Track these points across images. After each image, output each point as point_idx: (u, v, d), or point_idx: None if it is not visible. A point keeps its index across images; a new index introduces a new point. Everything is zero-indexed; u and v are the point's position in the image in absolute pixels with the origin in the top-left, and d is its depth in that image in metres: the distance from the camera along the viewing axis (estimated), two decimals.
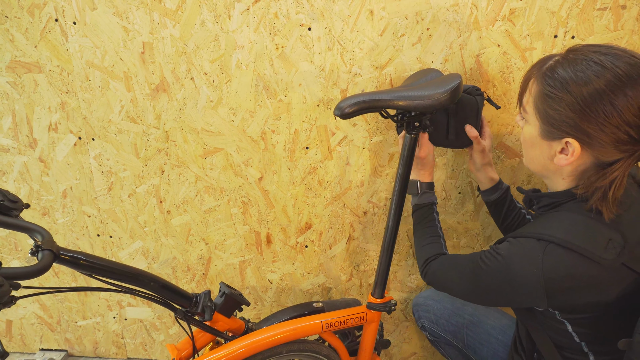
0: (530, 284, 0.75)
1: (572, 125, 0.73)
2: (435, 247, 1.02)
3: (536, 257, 0.74)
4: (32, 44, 1.12)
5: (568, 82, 0.72)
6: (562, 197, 0.81)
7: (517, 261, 0.77)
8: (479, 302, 0.90)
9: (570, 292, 0.74)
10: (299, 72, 1.14)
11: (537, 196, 0.87)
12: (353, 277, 1.41)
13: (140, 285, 0.83)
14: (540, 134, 0.79)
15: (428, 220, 1.06)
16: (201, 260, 1.39)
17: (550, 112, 0.75)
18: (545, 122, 0.77)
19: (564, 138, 0.75)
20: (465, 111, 1.06)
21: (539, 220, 0.82)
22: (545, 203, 0.84)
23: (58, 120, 1.20)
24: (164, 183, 1.28)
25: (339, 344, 1.14)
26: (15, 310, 1.49)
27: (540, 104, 0.77)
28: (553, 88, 0.74)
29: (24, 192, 1.30)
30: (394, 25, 1.09)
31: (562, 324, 0.80)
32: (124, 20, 1.09)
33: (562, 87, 0.73)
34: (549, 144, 0.78)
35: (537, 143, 0.81)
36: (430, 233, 1.05)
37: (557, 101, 0.73)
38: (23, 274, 0.62)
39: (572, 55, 0.74)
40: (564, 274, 0.72)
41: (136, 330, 1.52)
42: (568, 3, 1.05)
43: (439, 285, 0.97)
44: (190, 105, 1.18)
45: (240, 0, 1.07)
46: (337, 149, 1.23)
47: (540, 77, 0.77)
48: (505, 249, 0.80)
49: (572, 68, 0.73)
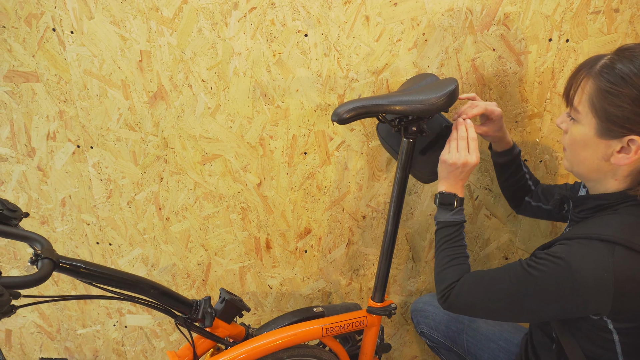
0: (598, 289, 0.70)
1: (637, 122, 0.71)
2: (463, 269, 0.93)
3: (605, 260, 0.70)
4: (30, 54, 1.13)
5: (631, 76, 0.70)
6: (615, 199, 0.77)
7: (584, 264, 0.71)
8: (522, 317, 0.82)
9: (638, 299, 0.70)
10: (296, 78, 1.15)
11: (582, 198, 0.83)
12: (353, 281, 1.41)
13: (140, 292, 0.83)
14: (598, 133, 0.76)
15: (456, 240, 0.96)
16: (201, 266, 1.39)
17: (611, 110, 0.72)
18: (605, 119, 0.74)
19: (626, 136, 0.72)
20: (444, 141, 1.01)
21: (593, 221, 0.78)
22: (592, 205, 0.81)
23: (56, 128, 1.21)
24: (163, 190, 1.28)
25: (339, 348, 1.14)
26: (14, 319, 1.49)
27: (599, 102, 0.74)
28: (613, 84, 0.72)
29: (23, 201, 1.30)
30: (389, 31, 1.09)
31: (610, 333, 0.76)
32: (121, 28, 1.10)
33: (624, 82, 0.71)
34: (607, 143, 0.75)
35: (591, 143, 0.77)
36: (458, 253, 0.95)
37: (620, 97, 0.71)
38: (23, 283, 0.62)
39: (629, 52, 0.72)
40: (636, 278, 0.69)
41: (136, 337, 1.51)
42: (562, 7, 1.06)
43: (465, 308, 0.88)
44: (188, 112, 1.19)
45: (236, 8, 1.08)
46: (335, 153, 1.23)
47: (596, 75, 0.74)
48: (564, 252, 0.74)
49: (633, 63, 0.70)
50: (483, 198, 1.29)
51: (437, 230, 1.00)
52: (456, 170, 0.96)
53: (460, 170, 0.95)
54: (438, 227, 0.99)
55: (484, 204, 1.29)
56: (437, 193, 0.99)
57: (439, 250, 0.98)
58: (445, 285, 0.91)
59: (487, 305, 0.84)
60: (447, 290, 0.91)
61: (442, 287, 0.92)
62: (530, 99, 1.16)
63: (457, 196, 0.96)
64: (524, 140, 1.20)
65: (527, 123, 1.18)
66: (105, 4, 1.08)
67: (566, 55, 1.11)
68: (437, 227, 1.00)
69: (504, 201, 1.29)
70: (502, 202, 1.29)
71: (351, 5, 1.07)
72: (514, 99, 1.16)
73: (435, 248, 1.00)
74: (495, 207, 1.30)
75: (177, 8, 1.08)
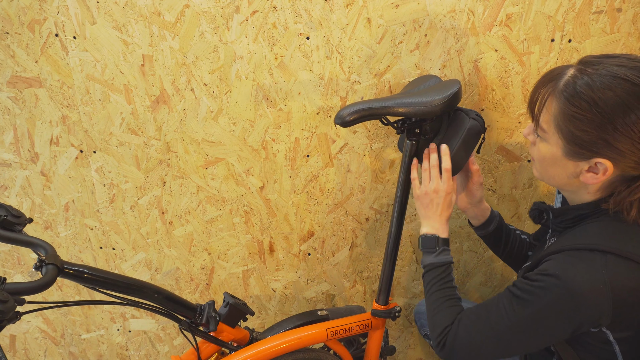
0: (597, 302, 0.68)
1: (603, 145, 0.70)
2: (455, 310, 0.86)
3: (598, 271, 0.68)
4: (33, 59, 1.13)
5: (596, 101, 0.68)
6: (593, 209, 0.77)
7: (578, 277, 0.68)
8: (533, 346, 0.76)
9: (637, 307, 0.69)
10: (298, 81, 1.14)
11: (562, 210, 0.82)
12: (357, 284, 1.41)
13: (144, 297, 0.83)
14: (565, 155, 0.75)
15: (444, 282, 0.91)
16: (204, 270, 1.39)
17: (577, 133, 0.71)
18: (571, 142, 0.73)
19: (593, 158, 0.72)
20: (452, 126, 0.99)
21: (577, 231, 0.77)
22: (572, 216, 0.79)
23: (59, 134, 1.21)
24: (166, 194, 1.28)
25: (344, 351, 1.14)
26: (18, 324, 1.49)
27: (565, 125, 0.72)
28: (579, 108, 0.70)
29: (26, 206, 1.30)
30: (391, 33, 1.09)
31: (610, 344, 0.74)
32: (123, 33, 1.10)
33: (589, 106, 0.69)
34: (575, 164, 0.75)
35: (559, 162, 0.77)
36: (448, 295, 0.89)
37: (585, 122, 0.70)
38: (28, 289, 0.62)
39: (592, 70, 0.70)
40: (632, 286, 0.68)
41: (140, 342, 1.51)
42: (564, 7, 1.05)
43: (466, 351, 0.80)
44: (190, 116, 1.19)
45: (238, 11, 1.08)
46: (338, 156, 1.23)
47: (560, 96, 0.72)
48: (556, 268, 0.71)
49: (597, 85, 0.68)
50: (487, 199, 1.28)
51: (424, 274, 0.95)
52: (431, 203, 0.93)
53: (436, 202, 0.92)
54: (425, 270, 0.94)
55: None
56: (420, 236, 0.96)
57: (428, 295, 0.92)
58: (439, 330, 0.85)
59: (491, 344, 0.78)
60: (442, 335, 0.84)
61: (436, 333, 0.85)
62: None
63: (438, 237, 0.92)
64: (527, 141, 1.20)
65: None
66: (107, 9, 1.08)
67: (569, 55, 1.10)
68: (424, 270, 0.95)
69: (507, 202, 1.29)
70: (506, 202, 1.29)
71: (353, 7, 1.07)
72: (516, 99, 1.15)
73: (424, 293, 0.94)
74: (499, 208, 1.29)
75: (179, 12, 1.08)
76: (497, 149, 1.21)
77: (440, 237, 0.93)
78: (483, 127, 0.96)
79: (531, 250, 1.07)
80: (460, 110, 0.98)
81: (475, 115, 0.96)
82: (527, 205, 1.29)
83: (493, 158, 1.23)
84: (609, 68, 0.69)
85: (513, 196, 1.28)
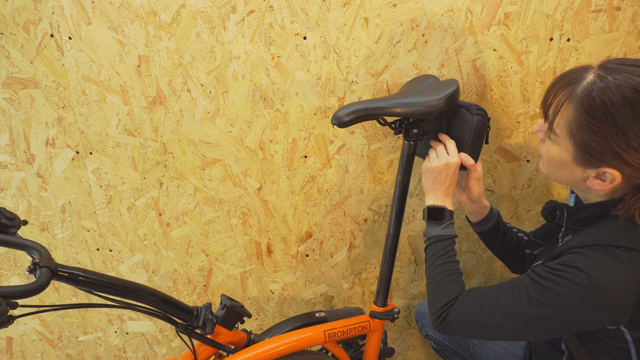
0: (621, 299, 0.68)
1: (613, 157, 0.70)
2: (458, 287, 0.86)
3: (625, 267, 0.68)
4: (28, 60, 1.12)
5: (614, 115, 0.68)
6: (609, 207, 0.76)
7: (604, 273, 0.68)
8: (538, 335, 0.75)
9: None
10: (295, 81, 1.14)
11: (578, 208, 0.81)
12: (355, 285, 1.40)
13: (140, 300, 0.82)
14: (574, 160, 0.75)
15: (449, 256, 0.91)
16: (202, 272, 1.38)
17: (589, 143, 0.71)
18: (582, 150, 0.73)
19: (602, 167, 0.72)
20: (455, 124, 0.99)
21: (599, 228, 0.76)
22: (590, 214, 0.79)
23: (55, 135, 1.20)
24: (163, 195, 1.27)
25: (342, 353, 1.13)
26: (15, 327, 1.48)
27: (578, 133, 0.72)
28: (595, 120, 0.69)
29: (23, 208, 1.29)
30: (389, 32, 1.09)
31: (626, 343, 0.74)
32: (119, 34, 1.09)
33: (606, 119, 0.68)
34: (583, 170, 0.75)
35: (568, 166, 0.77)
36: (452, 270, 0.89)
37: (599, 134, 0.69)
38: (20, 292, 0.61)
39: (612, 78, 0.69)
40: None
41: (138, 344, 1.50)
42: (562, 6, 1.05)
43: (466, 328, 0.80)
44: (187, 117, 1.18)
45: (235, 11, 1.07)
46: (336, 157, 1.22)
47: (577, 104, 0.71)
48: (581, 261, 0.70)
49: (616, 97, 0.67)
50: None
51: (428, 246, 0.94)
52: (439, 175, 0.93)
53: (444, 174, 0.92)
54: (428, 242, 0.94)
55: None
56: (425, 207, 0.95)
57: (431, 268, 0.91)
58: (441, 304, 0.84)
59: (494, 324, 0.76)
60: (443, 309, 0.83)
61: (437, 306, 0.84)
62: (532, 99, 1.14)
63: (446, 209, 0.93)
64: (526, 141, 1.19)
65: (530, 124, 1.17)
66: (102, 10, 1.07)
67: (568, 54, 1.10)
68: (427, 242, 0.94)
69: (506, 202, 1.28)
70: (505, 203, 1.28)
71: (350, 7, 1.06)
72: (515, 99, 1.15)
73: (426, 266, 0.93)
74: (498, 208, 1.28)
75: (175, 12, 1.07)
76: (496, 149, 1.21)
77: (447, 208, 0.93)
78: (487, 117, 0.95)
79: (530, 249, 1.06)
80: (460, 107, 0.98)
81: (477, 109, 0.95)
82: (526, 206, 1.29)
83: (492, 158, 1.22)
84: (629, 79, 0.67)
85: (512, 196, 1.27)
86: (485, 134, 0.97)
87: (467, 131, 0.95)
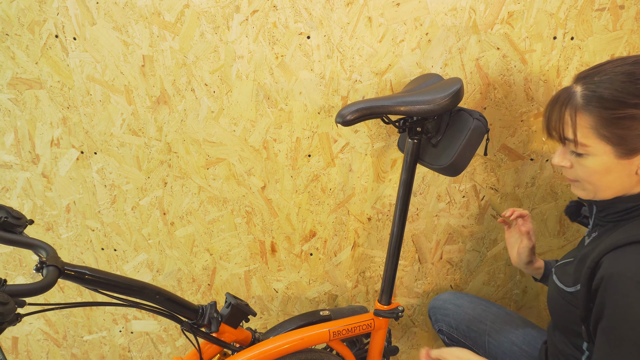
0: None
1: None
2: None
3: None
4: (33, 61, 1.13)
5: (624, 96, 0.71)
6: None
7: None
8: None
9: None
10: (299, 80, 1.14)
11: (609, 202, 0.81)
12: (359, 284, 1.40)
13: (145, 298, 0.83)
14: (617, 156, 0.75)
15: None
16: (206, 271, 1.38)
17: (622, 133, 0.73)
18: (620, 143, 0.74)
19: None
20: (455, 125, 1.00)
21: (634, 225, 0.76)
22: (621, 209, 0.79)
23: (60, 135, 1.21)
24: (167, 195, 1.28)
25: (347, 352, 1.13)
26: (20, 326, 1.49)
27: (607, 130, 0.74)
28: (614, 109, 0.72)
29: (28, 208, 1.30)
30: (392, 31, 1.09)
31: None
32: (123, 34, 1.10)
33: (622, 104, 0.71)
34: (630, 161, 0.75)
35: (613, 167, 0.77)
36: None
37: (625, 119, 0.72)
38: (28, 291, 0.62)
39: (597, 78, 0.74)
40: None
41: (143, 343, 1.51)
42: (566, 4, 1.05)
43: None
44: (191, 117, 1.18)
45: (238, 11, 1.08)
46: (340, 155, 1.23)
47: (589, 108, 0.74)
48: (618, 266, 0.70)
49: (616, 83, 0.72)
50: (489, 198, 1.28)
51: None
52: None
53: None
54: None
55: (491, 204, 1.28)
56: None
57: None
58: None
59: None
60: None
61: None
62: (536, 98, 1.14)
63: None
64: (529, 139, 1.19)
65: (533, 122, 1.17)
66: (107, 10, 1.08)
67: (571, 53, 1.10)
68: None
69: (510, 201, 1.28)
70: (509, 201, 1.28)
71: (353, 6, 1.06)
72: (519, 97, 1.15)
73: None
74: (502, 207, 1.28)
75: (179, 12, 1.08)
76: (500, 147, 1.21)
77: None
78: (486, 127, 0.96)
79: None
80: (463, 110, 0.98)
81: (479, 115, 0.95)
82: (530, 204, 1.29)
83: (496, 157, 1.22)
84: (609, 70, 0.73)
85: (516, 195, 1.27)
86: (480, 141, 0.97)
87: (464, 131, 0.96)
